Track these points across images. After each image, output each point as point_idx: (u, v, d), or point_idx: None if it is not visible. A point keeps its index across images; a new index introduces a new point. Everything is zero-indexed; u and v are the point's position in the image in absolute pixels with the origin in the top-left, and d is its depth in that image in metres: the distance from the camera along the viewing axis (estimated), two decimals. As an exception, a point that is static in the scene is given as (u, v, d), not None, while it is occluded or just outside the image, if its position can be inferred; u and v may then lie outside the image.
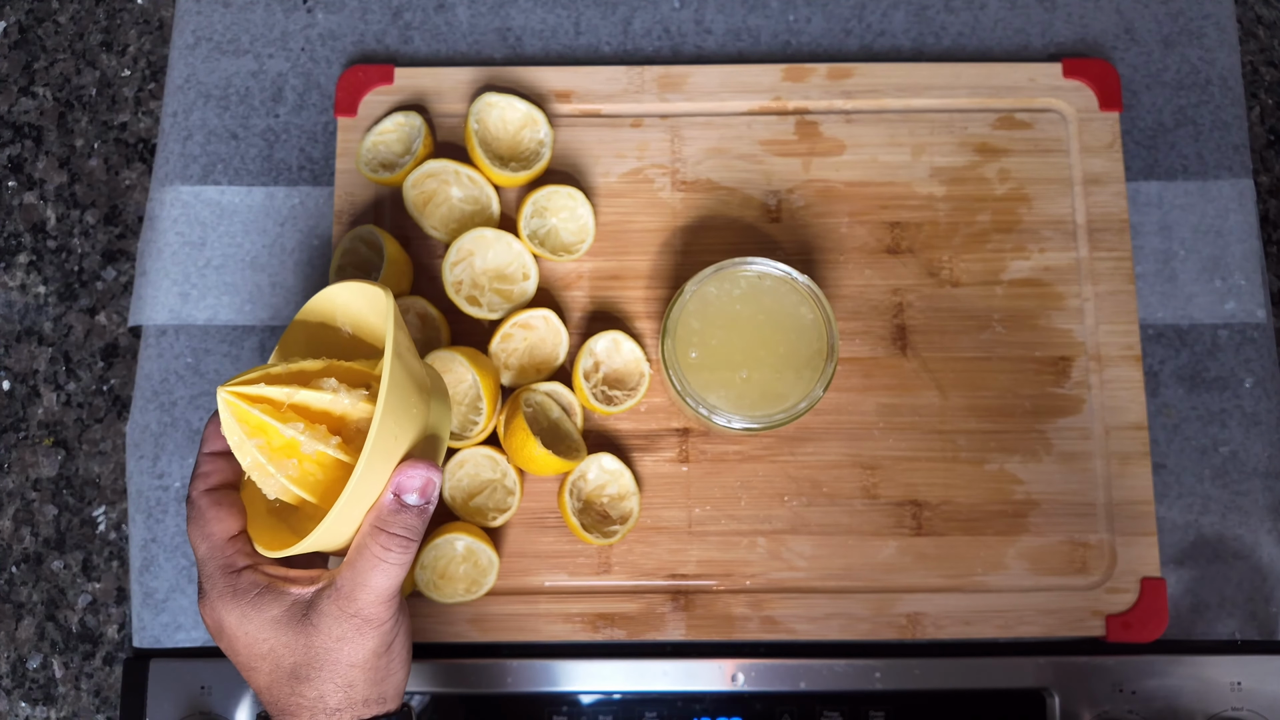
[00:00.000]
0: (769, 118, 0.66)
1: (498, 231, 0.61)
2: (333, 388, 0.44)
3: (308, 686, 0.43)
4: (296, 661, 0.43)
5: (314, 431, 0.43)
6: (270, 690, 0.43)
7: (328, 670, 0.43)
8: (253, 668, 0.44)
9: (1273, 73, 0.73)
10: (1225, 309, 0.65)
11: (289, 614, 0.43)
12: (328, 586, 0.44)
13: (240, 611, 0.43)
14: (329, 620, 0.43)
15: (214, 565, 0.44)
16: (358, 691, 0.44)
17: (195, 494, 0.46)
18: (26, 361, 0.70)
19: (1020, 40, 0.69)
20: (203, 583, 0.44)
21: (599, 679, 0.59)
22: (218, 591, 0.44)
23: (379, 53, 0.69)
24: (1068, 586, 0.61)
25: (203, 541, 0.45)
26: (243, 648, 0.43)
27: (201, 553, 0.45)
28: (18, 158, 0.73)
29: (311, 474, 0.44)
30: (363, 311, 0.49)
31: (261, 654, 0.43)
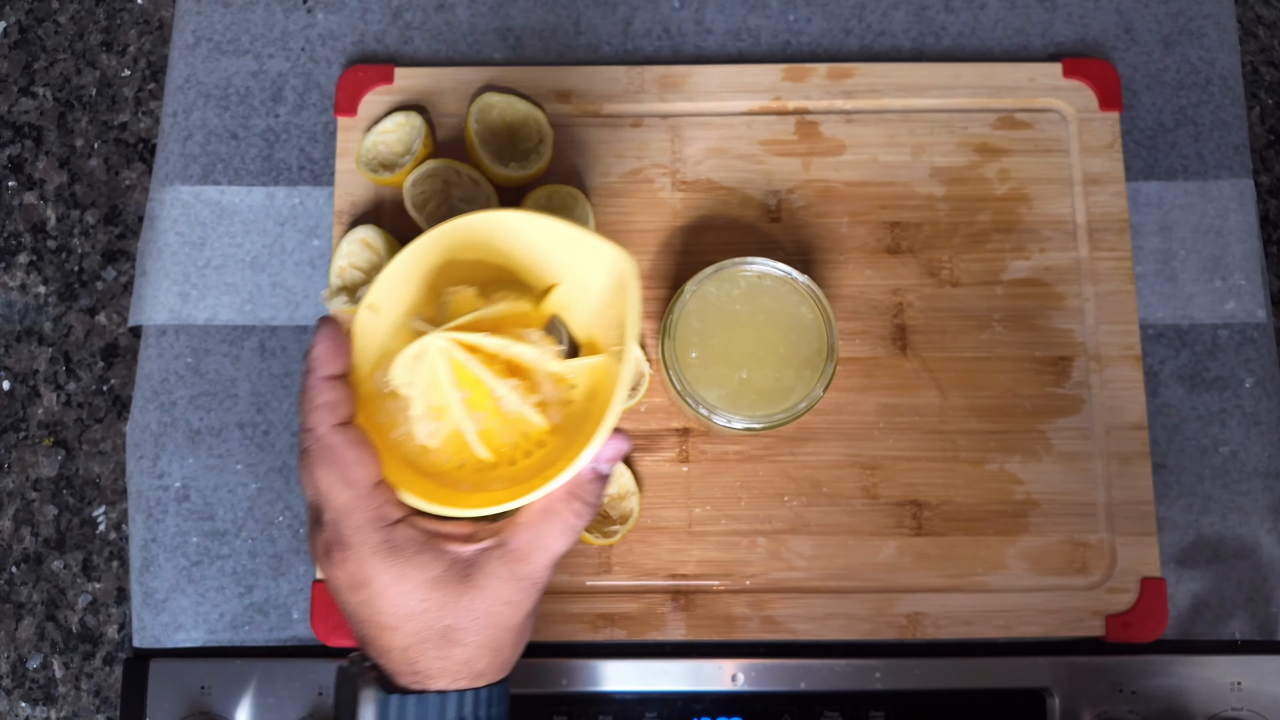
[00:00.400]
0: (769, 118, 0.66)
1: (498, 231, 0.61)
2: (536, 341, 0.42)
3: (458, 649, 0.41)
4: (450, 624, 0.41)
5: (520, 391, 0.42)
6: (408, 651, 0.41)
7: (487, 633, 0.41)
8: (393, 628, 0.41)
9: (1273, 73, 0.73)
10: (1225, 309, 0.65)
11: (449, 574, 0.41)
12: (495, 547, 0.42)
13: (397, 570, 0.40)
14: (497, 582, 0.41)
15: (362, 516, 0.40)
16: (502, 656, 0.42)
17: (324, 429, 0.41)
18: (27, 361, 0.70)
19: (1020, 40, 0.69)
20: (345, 534, 0.40)
21: (599, 679, 0.59)
22: (370, 546, 0.40)
23: (379, 53, 0.69)
24: (1068, 586, 0.61)
25: (345, 488, 0.40)
26: (389, 606, 0.40)
27: (342, 501, 0.41)
28: (18, 158, 0.73)
29: (490, 429, 0.42)
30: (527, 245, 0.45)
31: (410, 614, 0.40)
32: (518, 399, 0.42)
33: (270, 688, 0.59)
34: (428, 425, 0.42)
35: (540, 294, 0.47)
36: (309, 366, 0.42)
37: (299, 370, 0.64)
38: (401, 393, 0.42)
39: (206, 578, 0.62)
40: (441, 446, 0.43)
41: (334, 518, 0.41)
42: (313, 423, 0.41)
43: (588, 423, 0.43)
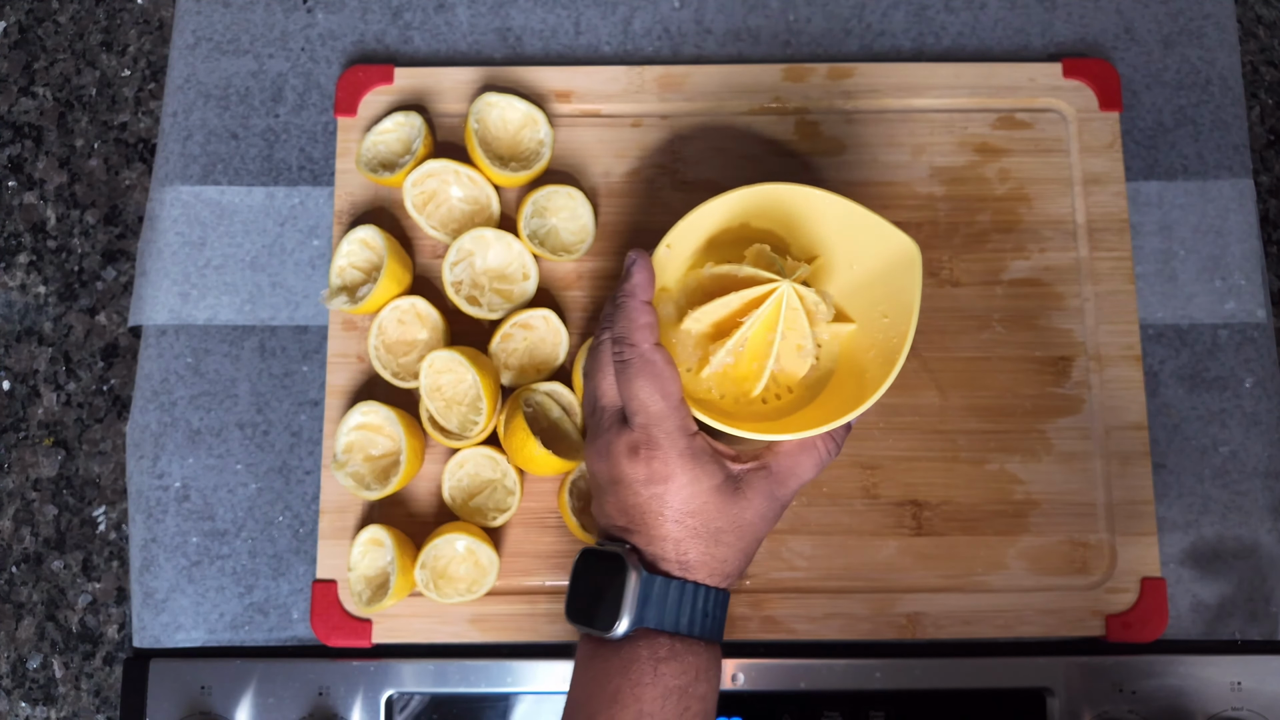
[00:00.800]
0: (769, 118, 0.66)
1: (498, 231, 0.62)
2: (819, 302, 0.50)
3: (721, 549, 0.48)
4: (720, 526, 0.48)
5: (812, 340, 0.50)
6: (681, 543, 0.47)
7: (744, 540, 0.48)
8: (677, 520, 0.47)
9: (1273, 72, 0.73)
10: (1225, 309, 0.65)
11: (726, 484, 0.48)
12: (760, 468, 0.49)
13: (692, 473, 0.47)
14: (759, 498, 0.48)
15: (672, 424, 0.47)
16: (745, 564, 0.50)
17: (646, 346, 0.48)
18: (26, 361, 0.70)
19: (1020, 40, 0.69)
20: (657, 436, 0.47)
21: (599, 679, 0.59)
22: (677, 450, 0.47)
23: (379, 53, 0.69)
24: (1068, 586, 0.61)
25: (661, 399, 0.47)
26: (679, 501, 0.47)
27: (657, 409, 0.47)
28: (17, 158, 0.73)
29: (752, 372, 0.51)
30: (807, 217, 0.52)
31: (693, 511, 0.47)
32: (808, 349, 0.50)
33: (270, 687, 0.59)
34: (718, 358, 0.49)
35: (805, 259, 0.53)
36: (628, 291, 0.49)
37: (299, 370, 0.64)
38: (685, 325, 0.50)
39: (206, 578, 0.62)
40: (708, 377, 0.51)
41: (646, 422, 0.48)
42: (636, 339, 0.48)
43: (838, 380, 0.52)
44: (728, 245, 0.54)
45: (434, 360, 0.59)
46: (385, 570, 0.58)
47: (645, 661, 0.46)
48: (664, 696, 0.46)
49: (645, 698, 0.45)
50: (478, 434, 0.59)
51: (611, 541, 0.49)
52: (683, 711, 0.46)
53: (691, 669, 0.46)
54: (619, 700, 0.45)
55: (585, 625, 0.48)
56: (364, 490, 0.58)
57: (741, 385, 0.52)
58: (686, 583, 0.47)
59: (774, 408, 0.53)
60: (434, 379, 0.60)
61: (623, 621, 0.46)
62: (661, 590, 0.47)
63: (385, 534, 0.58)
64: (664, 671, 0.46)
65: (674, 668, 0.46)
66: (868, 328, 0.52)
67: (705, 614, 0.47)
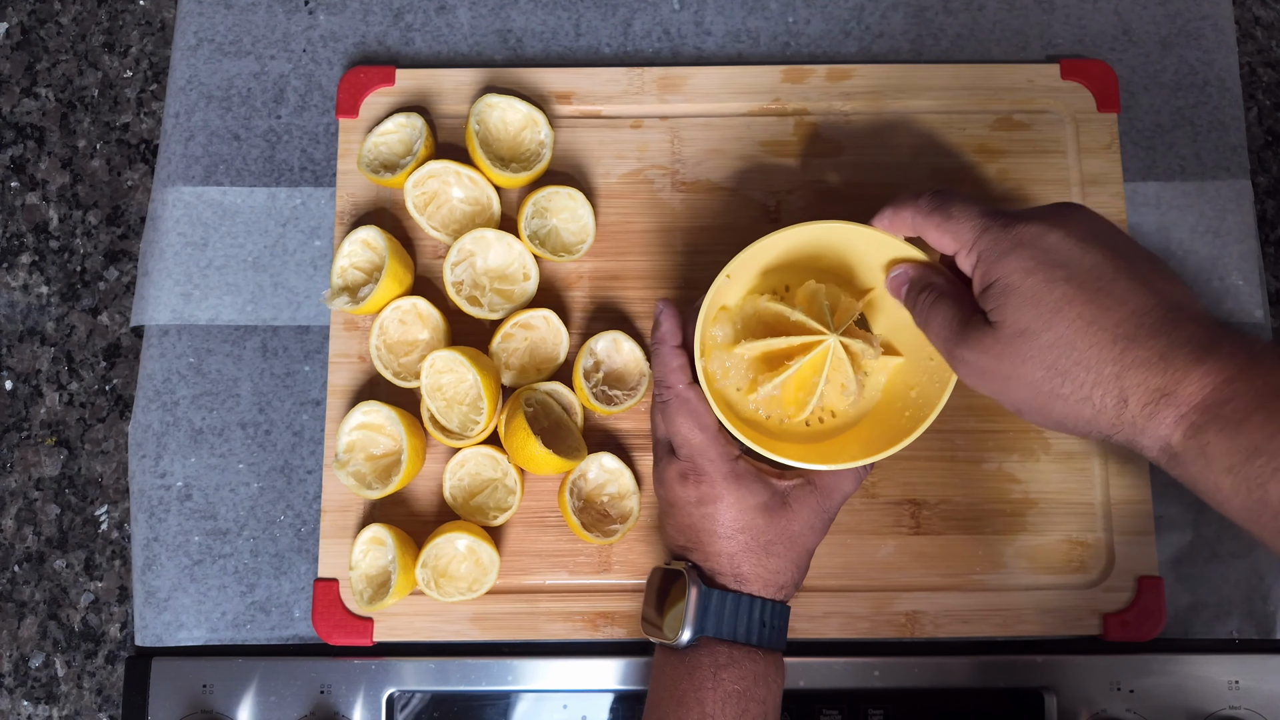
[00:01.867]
0: (768, 119, 0.67)
1: (499, 232, 0.62)
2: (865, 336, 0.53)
3: (773, 560, 0.52)
4: (770, 539, 0.52)
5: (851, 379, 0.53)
6: (735, 557, 0.52)
7: (794, 551, 0.52)
8: (729, 537, 0.52)
9: (1270, 73, 0.73)
10: (1223, 309, 0.65)
11: (772, 500, 0.52)
12: (805, 484, 0.53)
13: (737, 493, 0.52)
14: (806, 510, 0.52)
15: (714, 451, 0.52)
16: (799, 575, 0.53)
17: (681, 387, 0.53)
18: (29, 361, 0.71)
19: (1018, 42, 0.69)
20: (701, 464, 0.52)
21: (599, 677, 0.59)
22: (721, 474, 0.52)
23: (380, 54, 0.69)
24: (1066, 585, 0.61)
25: (700, 431, 0.52)
26: (729, 519, 0.52)
27: (698, 440, 0.52)
28: (20, 158, 0.74)
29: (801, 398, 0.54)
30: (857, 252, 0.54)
31: (743, 527, 0.52)
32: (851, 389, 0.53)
33: (272, 686, 0.59)
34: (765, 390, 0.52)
35: (858, 293, 0.56)
36: (659, 339, 0.54)
37: (300, 370, 0.64)
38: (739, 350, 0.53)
39: (208, 576, 0.62)
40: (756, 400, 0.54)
41: (690, 452, 0.53)
42: (671, 381, 0.54)
43: (882, 408, 0.55)
44: (788, 270, 0.56)
45: (435, 360, 0.59)
46: (387, 569, 0.59)
47: (706, 668, 0.50)
48: (724, 700, 0.49)
49: (707, 700, 0.49)
50: (479, 433, 0.59)
51: (676, 560, 0.54)
52: (741, 713, 0.49)
53: (749, 675, 0.50)
54: (684, 703, 0.50)
55: (656, 636, 0.53)
56: (365, 489, 0.59)
57: (787, 409, 0.54)
58: (742, 595, 0.51)
59: (818, 431, 0.56)
60: (435, 379, 0.60)
61: (686, 632, 0.50)
62: (719, 603, 0.51)
63: (386, 533, 0.58)
64: (723, 677, 0.50)
65: (733, 673, 0.50)
66: (914, 362, 0.54)
67: (762, 624, 0.51)
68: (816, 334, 0.51)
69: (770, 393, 0.53)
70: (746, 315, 0.54)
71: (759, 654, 0.51)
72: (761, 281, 0.56)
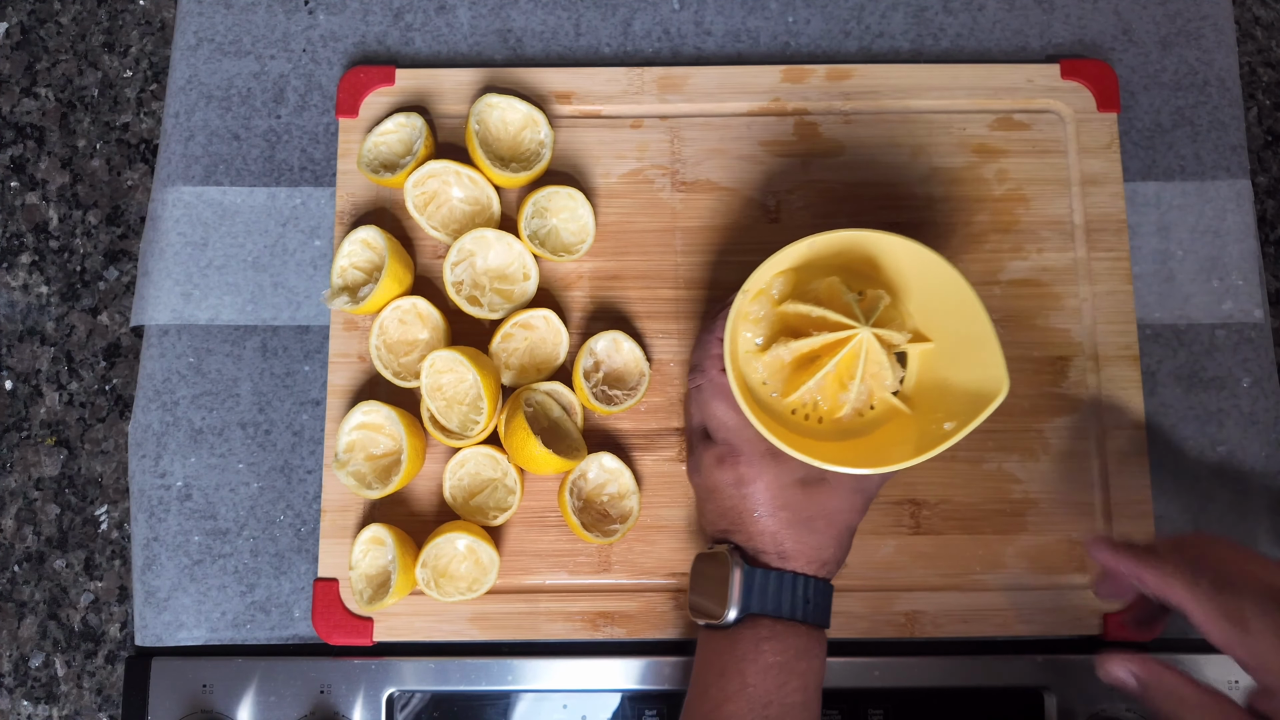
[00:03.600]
0: (768, 119, 0.67)
1: (499, 232, 0.62)
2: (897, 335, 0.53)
3: (815, 537, 0.53)
4: (810, 514, 0.53)
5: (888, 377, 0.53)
6: (777, 534, 0.53)
7: (832, 529, 0.53)
8: (770, 515, 0.53)
9: (1270, 73, 0.73)
10: (1223, 309, 0.65)
11: (809, 476, 0.53)
12: None
13: (774, 471, 0.53)
14: (844, 489, 0.53)
15: (750, 432, 0.53)
16: (841, 552, 0.54)
17: (715, 372, 0.55)
18: (29, 361, 0.71)
19: (1018, 41, 0.69)
20: (738, 445, 0.54)
21: (599, 677, 0.59)
22: (759, 452, 0.53)
23: (380, 54, 0.69)
24: (1065, 585, 0.61)
25: (734, 412, 0.54)
26: (768, 498, 0.53)
27: (732, 421, 0.54)
28: (20, 158, 0.73)
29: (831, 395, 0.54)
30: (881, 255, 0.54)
31: (782, 504, 0.53)
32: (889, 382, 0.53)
33: (271, 686, 0.59)
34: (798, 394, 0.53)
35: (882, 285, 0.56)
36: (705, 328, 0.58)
37: (300, 370, 0.64)
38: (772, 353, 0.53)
39: (208, 576, 0.62)
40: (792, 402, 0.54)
41: (726, 435, 0.54)
42: (706, 367, 0.56)
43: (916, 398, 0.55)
44: (804, 271, 0.55)
45: (435, 360, 0.59)
46: (386, 569, 0.59)
47: (749, 641, 0.51)
48: (765, 671, 0.50)
49: (748, 671, 0.50)
50: (478, 433, 0.59)
51: (717, 545, 0.54)
52: (782, 685, 0.50)
53: (791, 648, 0.51)
54: (726, 673, 0.51)
55: (700, 615, 0.54)
56: (365, 489, 0.59)
57: (826, 407, 0.55)
58: (785, 572, 0.52)
59: (857, 425, 0.55)
60: (435, 378, 0.60)
61: (732, 610, 0.51)
62: (763, 580, 0.52)
63: (386, 533, 0.58)
64: (764, 649, 0.51)
65: (774, 646, 0.51)
66: (945, 349, 0.54)
67: (805, 600, 0.52)
68: (847, 328, 0.51)
69: (808, 393, 0.53)
70: (773, 322, 0.55)
71: (802, 629, 0.51)
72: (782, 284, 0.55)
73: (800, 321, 0.54)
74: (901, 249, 0.52)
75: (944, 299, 0.53)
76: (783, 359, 0.54)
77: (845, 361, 0.52)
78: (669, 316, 0.64)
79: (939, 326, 0.54)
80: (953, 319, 0.53)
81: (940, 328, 0.54)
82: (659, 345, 0.64)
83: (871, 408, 0.55)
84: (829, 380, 0.53)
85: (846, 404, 0.53)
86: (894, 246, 0.52)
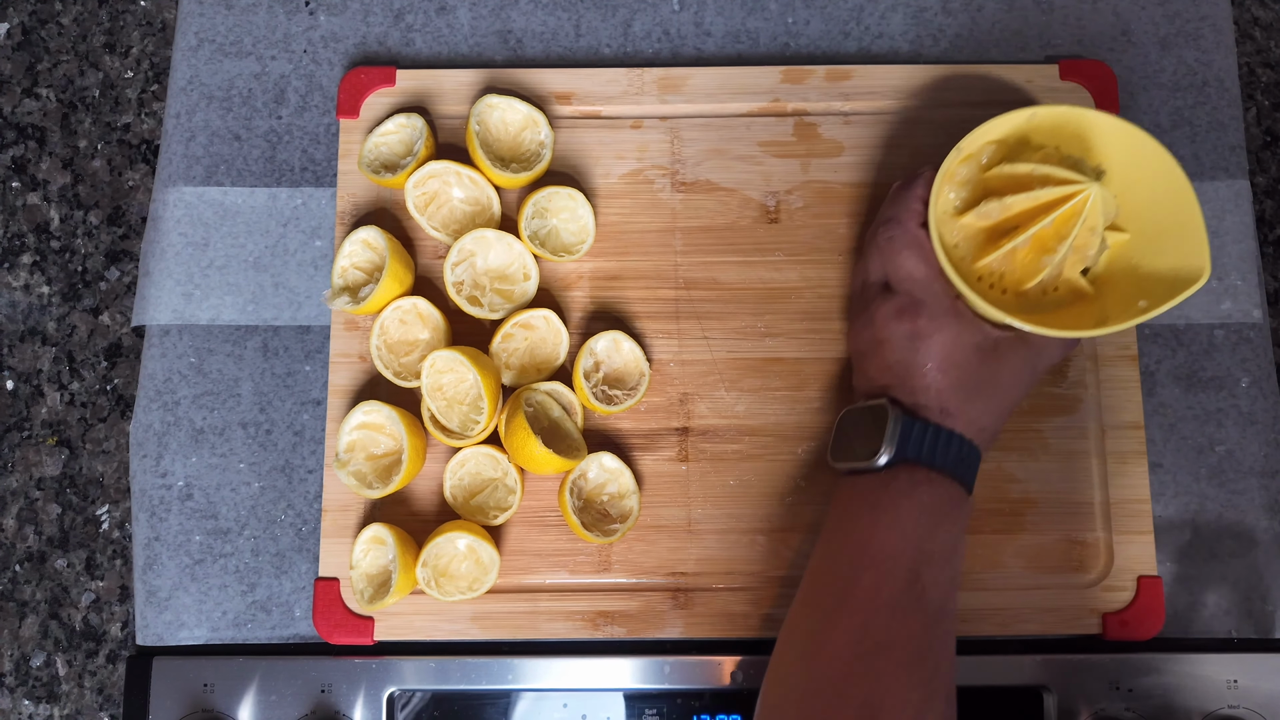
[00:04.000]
0: (768, 119, 0.67)
1: (499, 232, 0.62)
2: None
3: (979, 403, 0.53)
4: (980, 380, 0.53)
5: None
6: (943, 392, 0.52)
7: (997, 398, 0.53)
8: (941, 371, 0.53)
9: (1269, 74, 0.73)
10: (1221, 309, 0.65)
11: (985, 344, 0.53)
12: (1019, 340, 0.54)
13: (955, 329, 0.53)
14: (1017, 362, 0.54)
15: (937, 287, 0.54)
16: (998, 424, 0.54)
17: (912, 225, 0.55)
18: (30, 361, 0.71)
19: (1017, 42, 0.69)
20: (921, 298, 0.54)
21: (599, 676, 0.59)
22: (941, 308, 0.53)
23: (381, 55, 0.69)
24: (1065, 584, 0.61)
25: (925, 265, 0.54)
26: (941, 354, 0.53)
27: (921, 273, 0.54)
28: (21, 159, 0.74)
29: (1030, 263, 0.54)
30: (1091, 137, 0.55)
31: (955, 363, 0.53)
32: (1092, 254, 0.53)
33: (272, 685, 0.59)
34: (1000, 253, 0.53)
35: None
36: (906, 184, 0.58)
37: (301, 370, 0.64)
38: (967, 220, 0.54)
39: (209, 576, 0.62)
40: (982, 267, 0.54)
41: (910, 287, 0.54)
42: (904, 219, 0.56)
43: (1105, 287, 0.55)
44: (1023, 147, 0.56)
45: (435, 360, 0.59)
46: (387, 568, 0.59)
47: (904, 481, 0.51)
48: (919, 511, 0.50)
49: (902, 508, 0.50)
50: (479, 433, 0.60)
51: (872, 399, 0.54)
52: (934, 528, 0.50)
53: (946, 498, 0.51)
54: (878, 507, 0.50)
55: (847, 460, 0.54)
56: (366, 489, 0.59)
57: (1013, 278, 0.55)
58: (942, 428, 0.52)
59: (1038, 301, 0.55)
60: (435, 378, 0.60)
61: (884, 454, 0.51)
62: (920, 431, 0.51)
63: (387, 532, 0.58)
64: (920, 492, 0.50)
65: (929, 490, 0.51)
66: (1140, 239, 0.54)
67: (960, 458, 0.51)
68: (1074, 183, 0.51)
69: (999, 261, 0.53)
70: (975, 186, 0.55)
71: (954, 485, 0.51)
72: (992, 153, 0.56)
73: (1012, 185, 0.54)
74: (1121, 133, 0.53)
75: (1153, 187, 0.53)
76: (979, 225, 0.54)
77: (1062, 220, 0.52)
78: (669, 316, 0.64)
79: (1140, 216, 0.55)
80: (1158, 209, 0.53)
81: (1141, 217, 0.55)
82: (659, 345, 0.64)
83: (1056, 290, 0.55)
84: (1033, 243, 0.53)
85: (1045, 269, 0.53)
86: (1113, 130, 0.53)
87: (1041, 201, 0.52)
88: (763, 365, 0.63)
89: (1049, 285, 0.55)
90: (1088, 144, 0.55)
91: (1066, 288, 0.55)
